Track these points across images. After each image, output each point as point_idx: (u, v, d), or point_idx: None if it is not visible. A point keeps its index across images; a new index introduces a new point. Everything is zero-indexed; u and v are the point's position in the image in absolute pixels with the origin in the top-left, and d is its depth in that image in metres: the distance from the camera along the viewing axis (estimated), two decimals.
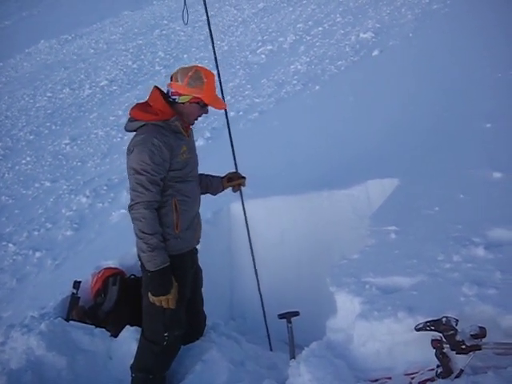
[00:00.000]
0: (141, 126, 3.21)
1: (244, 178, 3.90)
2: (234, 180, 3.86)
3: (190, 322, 3.63)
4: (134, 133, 3.26)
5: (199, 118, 3.40)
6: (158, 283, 3.19)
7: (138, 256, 3.30)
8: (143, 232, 3.11)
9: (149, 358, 3.45)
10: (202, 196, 3.69)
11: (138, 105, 3.32)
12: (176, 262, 3.29)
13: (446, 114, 5.28)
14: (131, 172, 3.17)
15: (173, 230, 3.29)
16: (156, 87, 3.33)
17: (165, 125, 3.18)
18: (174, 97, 3.24)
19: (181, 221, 3.31)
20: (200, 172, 3.70)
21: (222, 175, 3.87)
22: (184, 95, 3.21)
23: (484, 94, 5.39)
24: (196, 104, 3.25)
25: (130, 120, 3.29)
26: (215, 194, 3.92)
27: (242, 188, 4.00)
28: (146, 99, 3.33)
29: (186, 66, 3.37)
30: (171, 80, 3.27)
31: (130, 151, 3.18)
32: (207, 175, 3.81)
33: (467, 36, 7.77)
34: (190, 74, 3.20)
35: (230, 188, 3.92)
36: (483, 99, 5.27)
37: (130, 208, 3.20)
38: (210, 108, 3.37)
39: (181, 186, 3.30)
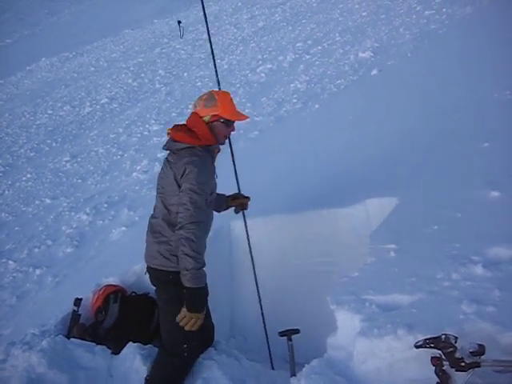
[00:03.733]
0: (187, 148, 3.38)
1: (248, 198, 4.06)
2: (239, 199, 4.05)
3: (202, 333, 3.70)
4: (178, 152, 3.41)
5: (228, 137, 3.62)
6: (198, 300, 3.28)
7: (166, 272, 3.43)
8: (195, 251, 3.21)
9: (170, 370, 3.55)
10: None
11: (178, 127, 3.50)
12: None
13: (444, 134, 5.33)
14: (187, 191, 3.27)
15: None
16: (195, 112, 3.49)
17: (210, 151, 3.47)
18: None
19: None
20: None
21: (227, 194, 4.03)
22: (204, 116, 3.44)
23: (481, 113, 5.45)
24: (217, 122, 3.45)
25: (172, 140, 3.45)
26: (219, 212, 4.04)
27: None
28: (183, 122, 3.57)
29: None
30: (194, 108, 3.53)
31: (186, 168, 3.29)
32: None
33: (464, 56, 7.86)
34: (204, 97, 3.48)
35: (233, 208, 4.09)
36: (480, 119, 5.32)
37: (182, 227, 3.24)
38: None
39: (208, 209, 3.46)
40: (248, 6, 23.31)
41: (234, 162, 4.19)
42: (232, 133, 3.62)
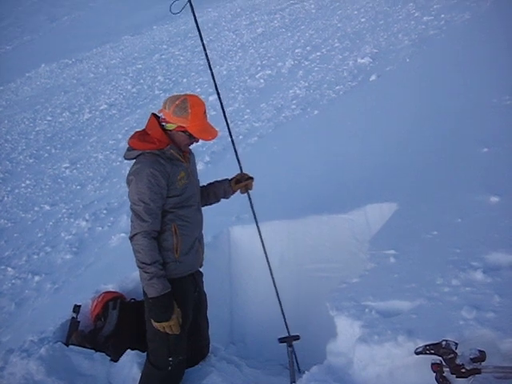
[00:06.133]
0: (138, 155, 3.27)
1: (251, 178, 3.80)
2: (242, 181, 3.77)
3: (192, 345, 3.64)
4: (134, 161, 3.32)
5: (194, 144, 3.40)
6: (159, 310, 3.21)
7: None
8: (142, 262, 3.16)
9: (156, 383, 3.45)
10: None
11: (136, 133, 3.37)
12: (176, 285, 3.32)
13: (443, 139, 5.33)
14: (130, 203, 3.24)
15: (173, 254, 3.32)
16: (153, 114, 3.36)
17: (160, 153, 3.23)
18: (163, 123, 3.29)
19: (181, 245, 3.34)
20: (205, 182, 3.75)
21: (230, 177, 3.79)
22: (170, 123, 3.25)
23: (480, 119, 5.46)
24: (182, 132, 3.26)
25: (129, 149, 3.35)
26: (228, 198, 3.86)
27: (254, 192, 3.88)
28: (144, 127, 3.38)
29: (179, 93, 3.39)
30: (163, 106, 3.31)
31: (128, 181, 3.25)
32: (212, 183, 3.79)
33: (463, 62, 7.88)
34: (177, 102, 3.22)
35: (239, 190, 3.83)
36: (479, 124, 5.33)
37: (131, 239, 3.23)
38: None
39: (181, 211, 3.33)
40: (247, 13, 23.35)
41: (232, 141, 3.98)
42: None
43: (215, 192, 3.77)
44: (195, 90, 14.45)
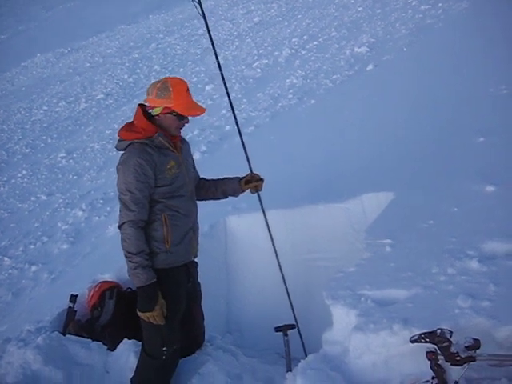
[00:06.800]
0: (128, 145, 3.25)
1: (262, 180, 3.79)
2: (252, 182, 3.76)
3: (187, 335, 3.64)
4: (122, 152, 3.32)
5: (185, 126, 3.39)
6: (143, 300, 3.23)
7: None
8: (128, 252, 3.17)
9: (150, 372, 3.47)
10: (224, 200, 3.79)
11: (125, 124, 3.37)
12: (167, 275, 3.33)
13: (440, 128, 5.34)
14: (118, 193, 3.24)
15: (163, 245, 3.31)
16: (140, 105, 3.36)
17: (149, 142, 3.22)
18: (149, 110, 3.29)
19: (171, 236, 3.32)
20: (217, 177, 3.77)
21: (241, 176, 3.78)
22: (156, 107, 3.24)
23: (476, 108, 5.46)
24: (169, 114, 3.25)
25: (119, 140, 3.35)
26: (237, 196, 3.87)
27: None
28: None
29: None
30: (146, 93, 3.30)
31: (117, 171, 3.25)
32: (222, 180, 3.79)
33: (460, 51, 7.86)
34: (158, 85, 3.23)
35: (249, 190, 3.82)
36: (476, 114, 5.33)
37: (119, 228, 3.24)
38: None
39: (171, 201, 3.32)
40: (244, 1, 23.22)
41: (242, 142, 4.01)
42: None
43: (224, 189, 3.78)
44: (192, 80, 14.38)
